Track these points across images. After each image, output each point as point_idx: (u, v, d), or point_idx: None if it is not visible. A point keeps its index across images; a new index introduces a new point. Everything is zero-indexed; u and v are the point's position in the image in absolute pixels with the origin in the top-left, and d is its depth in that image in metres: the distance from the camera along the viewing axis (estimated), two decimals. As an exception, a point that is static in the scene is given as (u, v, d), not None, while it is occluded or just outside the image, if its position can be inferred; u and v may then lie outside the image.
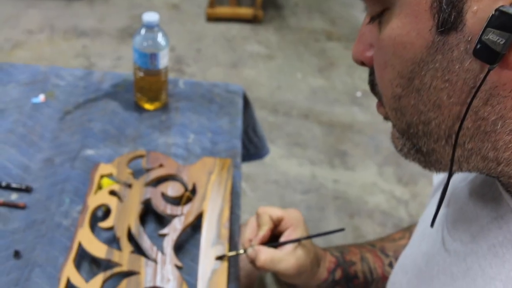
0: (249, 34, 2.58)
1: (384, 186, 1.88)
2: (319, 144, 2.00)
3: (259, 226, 0.66)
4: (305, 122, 2.09)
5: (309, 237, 0.65)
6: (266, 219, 0.65)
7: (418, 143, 0.39)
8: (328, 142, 2.02)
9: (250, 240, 0.65)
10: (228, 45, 2.49)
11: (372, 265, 0.69)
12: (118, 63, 2.28)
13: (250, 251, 0.63)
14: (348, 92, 2.27)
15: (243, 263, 0.81)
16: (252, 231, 0.66)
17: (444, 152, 0.38)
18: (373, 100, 0.44)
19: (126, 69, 2.19)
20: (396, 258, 0.67)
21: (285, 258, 0.62)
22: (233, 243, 0.73)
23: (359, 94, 2.26)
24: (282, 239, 0.65)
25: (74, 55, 2.29)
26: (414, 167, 2.17)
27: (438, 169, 0.41)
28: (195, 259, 0.71)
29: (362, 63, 0.43)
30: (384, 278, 0.68)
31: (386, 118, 0.43)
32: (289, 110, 2.13)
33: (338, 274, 0.68)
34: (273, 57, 2.44)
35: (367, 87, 0.45)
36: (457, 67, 0.34)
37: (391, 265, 0.69)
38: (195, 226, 0.75)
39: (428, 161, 0.40)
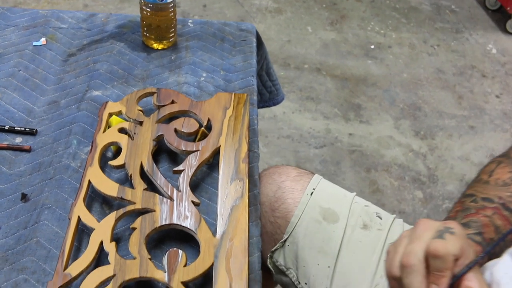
0: (256, -11, 2.49)
1: (400, 140, 1.82)
2: (332, 97, 1.94)
3: (431, 271, 0.48)
4: (318, 76, 2.02)
5: (486, 254, 0.49)
6: (449, 263, 0.47)
7: None
8: (341, 95, 1.96)
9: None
10: None
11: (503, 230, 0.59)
12: (122, 22, 2.21)
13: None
14: (361, 45, 2.19)
15: (264, 199, 0.76)
16: (421, 281, 0.47)
17: None
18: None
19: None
20: None
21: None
22: (252, 181, 0.68)
23: (372, 47, 2.18)
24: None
25: (77, 15, 2.22)
26: (431, 120, 2.12)
27: None
28: (212, 198, 0.66)
29: None
30: None
31: None
32: (300, 64, 2.06)
33: (484, 261, 0.56)
34: (282, 11, 2.35)
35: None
36: None
37: None
38: (211, 165, 0.70)
39: None
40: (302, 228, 0.75)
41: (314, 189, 0.77)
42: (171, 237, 0.62)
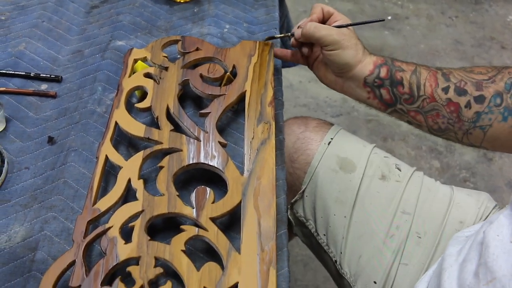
0: (272, -40, 2.46)
1: (417, 110, 1.81)
2: (349, 68, 1.92)
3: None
4: (334, 46, 2.00)
5: (350, 25, 0.69)
6: (318, 9, 0.71)
7: None
8: (358, 66, 1.94)
9: (299, 27, 0.71)
10: (250, -29, 2.37)
11: (423, 81, 0.65)
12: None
13: (297, 30, 0.70)
14: (377, 16, 2.16)
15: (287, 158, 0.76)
16: (303, 21, 0.72)
17: None
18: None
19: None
20: (460, 88, 0.63)
21: (328, 28, 0.67)
22: (278, 127, 0.68)
23: (389, 18, 2.15)
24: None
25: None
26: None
27: None
28: (238, 142, 0.67)
29: None
30: (433, 99, 0.65)
31: None
32: (316, 35, 2.04)
33: (383, 71, 0.67)
34: (298, -19, 2.32)
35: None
36: None
37: (447, 90, 0.64)
38: (236, 112, 0.70)
39: None
40: (319, 178, 0.75)
41: (332, 138, 0.77)
42: (198, 179, 0.63)
